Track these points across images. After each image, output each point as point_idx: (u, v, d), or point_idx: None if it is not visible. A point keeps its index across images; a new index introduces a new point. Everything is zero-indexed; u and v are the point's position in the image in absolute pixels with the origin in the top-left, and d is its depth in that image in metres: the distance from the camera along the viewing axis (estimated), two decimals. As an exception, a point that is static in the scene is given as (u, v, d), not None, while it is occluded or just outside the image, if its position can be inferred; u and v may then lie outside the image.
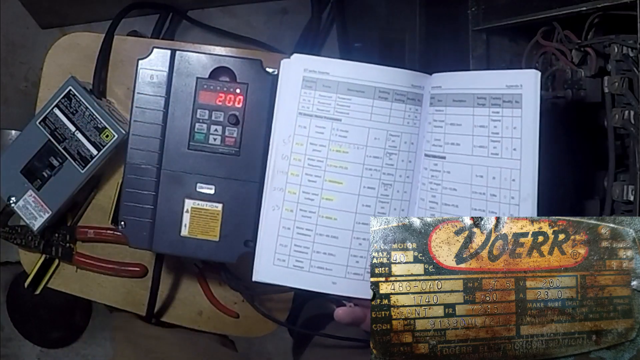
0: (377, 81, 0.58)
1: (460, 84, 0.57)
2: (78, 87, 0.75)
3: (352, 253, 0.57)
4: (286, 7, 1.36)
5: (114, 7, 0.92)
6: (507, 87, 0.54)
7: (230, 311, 0.84)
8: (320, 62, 0.58)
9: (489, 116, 0.55)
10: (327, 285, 0.57)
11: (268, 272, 0.57)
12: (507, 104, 0.54)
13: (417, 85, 0.58)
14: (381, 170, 0.58)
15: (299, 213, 0.57)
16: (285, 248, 0.57)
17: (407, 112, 0.58)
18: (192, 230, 0.70)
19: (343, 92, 0.57)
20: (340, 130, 0.57)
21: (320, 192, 0.57)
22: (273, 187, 0.57)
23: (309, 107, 0.57)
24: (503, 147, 0.54)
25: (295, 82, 0.58)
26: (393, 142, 0.58)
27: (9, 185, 0.76)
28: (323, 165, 0.57)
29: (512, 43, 0.83)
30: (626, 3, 0.56)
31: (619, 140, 0.66)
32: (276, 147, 0.57)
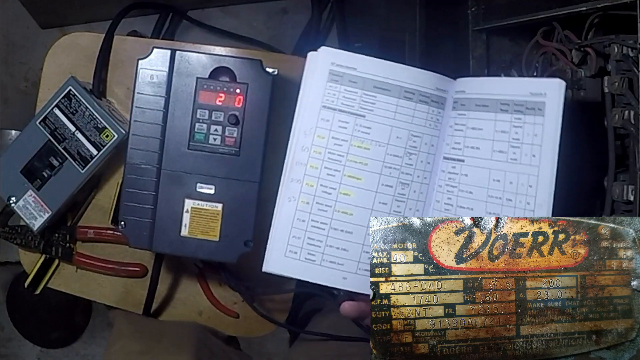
0: (404, 81, 0.58)
1: (484, 89, 0.57)
2: (78, 87, 0.75)
3: (365, 249, 0.57)
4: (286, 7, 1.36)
5: (114, 7, 0.92)
6: (532, 94, 0.55)
7: (230, 311, 0.84)
8: (348, 57, 0.58)
9: (511, 122, 0.55)
10: (337, 280, 0.56)
11: (279, 263, 0.56)
12: (530, 111, 0.55)
13: (441, 89, 0.59)
14: (400, 169, 0.58)
15: (315, 206, 0.57)
16: (298, 240, 0.56)
17: (430, 114, 0.59)
18: (192, 230, 0.70)
19: (369, 88, 0.58)
20: (363, 127, 0.57)
21: (338, 186, 0.57)
22: (291, 179, 0.57)
23: (334, 100, 0.57)
24: (523, 153, 0.55)
25: (321, 74, 0.58)
26: (414, 142, 0.58)
27: (9, 185, 0.76)
28: (343, 160, 0.57)
29: (512, 43, 0.83)
30: (626, 3, 0.56)
31: (619, 140, 0.67)
32: (297, 138, 0.57)
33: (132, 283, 0.84)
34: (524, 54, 0.77)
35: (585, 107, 0.70)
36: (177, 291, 0.84)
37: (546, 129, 0.54)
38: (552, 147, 0.53)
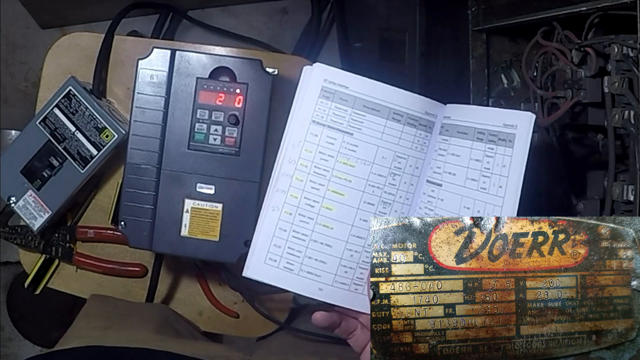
0: (394, 103, 0.59)
1: (466, 117, 0.58)
2: (78, 87, 0.75)
3: (343, 263, 0.58)
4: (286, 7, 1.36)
5: (114, 7, 0.92)
6: (504, 125, 0.56)
7: (230, 311, 0.84)
8: (341, 75, 0.59)
9: (484, 151, 0.57)
10: (313, 291, 0.58)
11: (258, 269, 0.57)
12: (501, 142, 0.56)
13: (430, 113, 0.60)
14: (383, 188, 0.59)
15: (298, 217, 0.58)
16: (278, 249, 0.57)
17: (417, 137, 0.59)
18: (192, 230, 0.70)
19: (359, 107, 0.59)
20: (350, 144, 0.58)
21: (321, 200, 0.58)
22: (276, 189, 0.58)
23: (324, 116, 0.58)
24: (491, 183, 0.56)
25: (313, 90, 0.59)
26: (399, 163, 0.59)
27: (9, 185, 0.76)
28: (328, 175, 0.58)
29: (512, 43, 0.83)
30: (626, 3, 0.56)
31: (619, 140, 0.67)
32: (285, 150, 0.58)
33: (132, 283, 0.84)
34: (524, 54, 0.78)
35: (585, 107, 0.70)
36: (177, 291, 0.84)
37: (513, 161, 0.55)
38: (517, 180, 0.54)
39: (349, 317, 0.59)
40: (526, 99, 0.82)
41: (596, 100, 0.67)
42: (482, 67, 0.81)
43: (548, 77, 0.74)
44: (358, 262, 0.58)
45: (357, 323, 0.59)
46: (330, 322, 0.58)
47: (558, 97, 0.71)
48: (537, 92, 0.75)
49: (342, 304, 0.58)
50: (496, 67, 0.82)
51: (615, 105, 0.63)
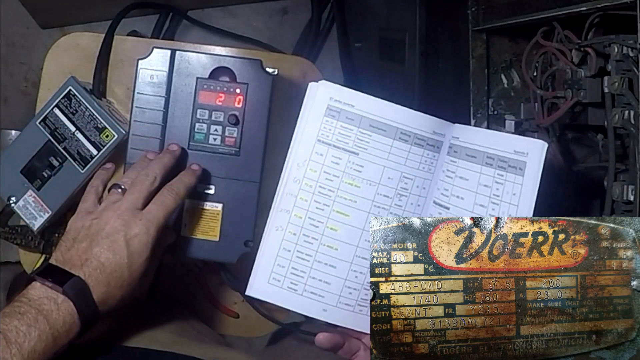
0: (401, 122, 0.58)
1: (475, 140, 0.57)
2: (78, 87, 0.75)
3: (347, 284, 0.58)
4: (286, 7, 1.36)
5: (114, 7, 0.92)
6: (515, 152, 0.55)
7: (230, 311, 0.84)
8: (347, 93, 0.58)
9: (493, 177, 0.56)
10: (317, 311, 0.57)
11: (262, 289, 0.57)
12: (511, 169, 0.55)
13: (438, 133, 0.59)
14: (389, 209, 0.58)
15: (302, 237, 0.57)
16: (282, 269, 0.57)
17: (425, 157, 0.59)
18: (192, 230, 0.70)
19: (365, 127, 0.58)
20: (355, 164, 0.58)
21: (326, 220, 0.57)
22: (280, 208, 0.57)
23: (329, 135, 0.58)
24: (500, 211, 0.55)
25: (319, 108, 0.58)
26: (405, 184, 0.58)
27: (9, 185, 0.76)
28: (333, 195, 0.57)
29: (512, 43, 0.83)
30: (626, 3, 0.56)
31: (619, 140, 0.66)
32: (290, 169, 0.57)
33: (132, 283, 0.83)
34: (524, 54, 0.77)
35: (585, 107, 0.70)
36: (177, 291, 0.84)
37: (524, 191, 0.54)
38: (527, 211, 0.53)
39: (352, 338, 0.59)
40: (526, 99, 0.81)
41: (596, 100, 0.67)
42: (482, 67, 0.81)
43: (548, 77, 0.74)
44: (362, 284, 0.58)
45: (360, 344, 0.59)
46: (334, 344, 0.58)
47: (558, 97, 0.71)
48: (537, 92, 0.75)
49: (346, 325, 0.57)
50: (496, 67, 0.82)
51: (615, 105, 0.63)
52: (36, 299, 0.55)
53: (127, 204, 0.61)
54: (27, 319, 0.53)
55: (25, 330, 0.52)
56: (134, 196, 0.62)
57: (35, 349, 0.52)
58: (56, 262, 0.59)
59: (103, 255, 0.58)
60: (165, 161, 0.66)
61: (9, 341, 0.51)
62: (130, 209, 0.61)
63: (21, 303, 0.55)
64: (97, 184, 0.67)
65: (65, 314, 0.55)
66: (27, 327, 0.53)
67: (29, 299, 0.55)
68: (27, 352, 0.52)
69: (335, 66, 1.26)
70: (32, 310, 0.54)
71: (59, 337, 0.55)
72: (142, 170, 0.65)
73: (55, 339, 0.54)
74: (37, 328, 0.53)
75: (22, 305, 0.54)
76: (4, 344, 0.51)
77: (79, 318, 0.56)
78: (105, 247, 0.59)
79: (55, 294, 0.56)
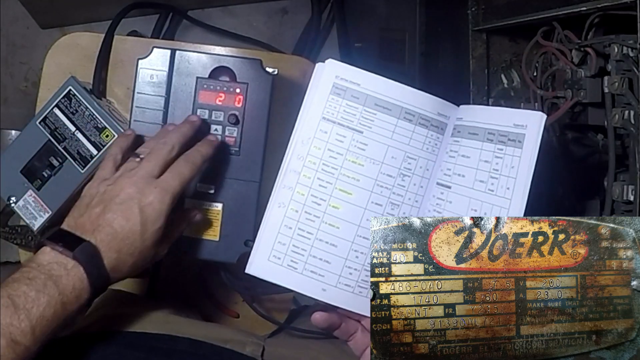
0: (406, 102, 0.58)
1: (477, 118, 0.58)
2: (78, 87, 0.75)
3: (347, 264, 0.57)
4: (286, 7, 1.36)
5: (114, 7, 0.92)
6: (514, 125, 0.55)
7: (230, 311, 0.84)
8: (353, 71, 0.58)
9: (493, 152, 0.56)
10: (316, 291, 0.57)
11: (262, 266, 0.57)
12: (511, 142, 0.55)
13: (443, 114, 0.59)
14: (392, 189, 0.58)
15: (304, 215, 0.57)
16: (283, 246, 0.57)
17: (429, 137, 0.59)
18: (192, 230, 0.70)
19: (370, 105, 0.58)
20: (360, 142, 0.57)
21: (328, 198, 0.57)
22: (283, 185, 0.57)
23: (334, 113, 0.57)
24: (499, 185, 0.55)
25: (325, 86, 0.58)
26: (409, 164, 0.58)
27: (9, 185, 0.76)
28: (336, 173, 0.57)
29: (512, 43, 0.83)
30: (626, 3, 0.56)
31: (619, 140, 0.67)
32: (294, 146, 0.57)
33: (132, 283, 0.84)
34: (524, 54, 0.78)
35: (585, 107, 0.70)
36: (177, 291, 0.84)
37: (522, 162, 0.54)
38: (525, 182, 0.54)
39: (350, 319, 0.58)
40: (526, 99, 0.82)
41: (596, 100, 0.67)
42: (482, 67, 0.81)
43: (548, 77, 0.74)
44: (363, 264, 0.57)
45: (358, 325, 0.58)
46: (330, 323, 0.57)
47: (558, 97, 0.71)
48: (537, 92, 0.75)
49: (345, 306, 0.57)
50: (496, 67, 0.82)
51: (615, 105, 0.63)
52: (45, 264, 0.54)
53: (142, 172, 0.60)
54: (35, 284, 0.52)
55: (34, 296, 0.51)
56: (151, 164, 0.61)
57: (44, 315, 0.51)
58: (68, 227, 0.57)
59: (116, 222, 0.57)
60: (184, 131, 0.65)
61: (17, 307, 0.50)
62: (145, 177, 0.60)
63: (30, 268, 0.53)
64: (116, 152, 0.66)
65: (75, 279, 0.54)
66: (36, 292, 0.51)
67: (38, 264, 0.54)
68: (35, 318, 0.51)
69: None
70: (41, 275, 0.53)
71: (69, 303, 0.53)
72: (160, 139, 0.64)
73: (64, 305, 0.53)
74: (46, 293, 0.52)
75: (31, 271, 0.53)
76: (12, 310, 0.50)
77: (89, 284, 0.55)
78: (119, 213, 0.58)
79: (65, 259, 0.54)
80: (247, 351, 0.68)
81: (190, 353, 0.64)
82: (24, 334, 0.50)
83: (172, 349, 0.64)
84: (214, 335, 0.67)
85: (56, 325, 0.53)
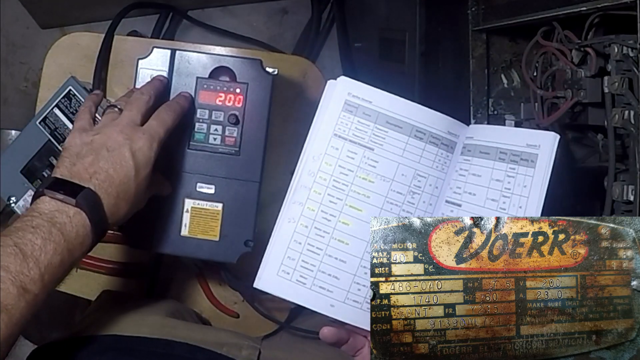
0: (417, 120, 0.59)
1: (489, 137, 0.58)
2: (78, 87, 0.75)
3: (356, 280, 0.57)
4: (286, 7, 1.36)
5: (114, 7, 0.92)
6: (527, 145, 0.56)
7: (230, 311, 0.84)
8: (365, 89, 0.59)
9: (505, 171, 0.57)
10: (324, 307, 0.57)
11: (270, 281, 0.57)
12: (523, 162, 0.56)
13: (453, 133, 0.60)
14: (401, 206, 0.58)
15: (313, 230, 0.57)
16: (292, 261, 0.57)
17: (439, 156, 0.59)
18: (192, 230, 0.70)
19: (381, 123, 0.59)
20: (370, 159, 0.58)
21: (338, 214, 0.58)
22: (293, 201, 0.57)
23: (346, 130, 0.58)
24: (511, 204, 0.56)
25: (337, 103, 0.58)
26: (419, 181, 0.59)
27: (9, 185, 0.76)
28: (347, 190, 0.58)
29: (512, 43, 0.83)
30: (626, 3, 0.56)
31: (619, 140, 0.66)
32: (305, 162, 0.58)
33: (132, 283, 0.84)
34: (524, 54, 0.77)
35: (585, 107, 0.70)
36: (177, 291, 0.84)
37: (534, 182, 0.55)
38: (537, 201, 0.54)
39: (358, 335, 0.58)
40: (526, 99, 0.81)
41: (596, 100, 0.67)
42: (482, 67, 0.81)
43: (548, 77, 0.74)
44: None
45: (365, 341, 0.59)
46: (339, 338, 0.57)
47: (558, 97, 0.71)
48: (537, 92, 0.75)
49: (353, 322, 0.57)
50: (496, 67, 0.82)
51: (615, 105, 0.63)
52: (47, 212, 0.53)
53: (126, 120, 0.61)
54: (41, 232, 0.51)
55: (41, 244, 0.51)
56: (133, 112, 0.62)
57: (52, 262, 0.51)
58: (62, 176, 0.57)
59: (111, 168, 0.58)
60: (155, 83, 0.67)
61: (26, 255, 0.49)
62: (130, 125, 0.61)
63: (32, 217, 0.53)
64: (90, 105, 0.67)
65: (79, 226, 0.54)
66: (42, 240, 0.51)
67: (40, 213, 0.53)
68: (44, 265, 0.50)
69: (335, 66, 1.26)
70: (45, 223, 0.52)
71: (74, 250, 0.53)
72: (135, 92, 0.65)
73: (70, 251, 0.53)
74: (52, 241, 0.51)
75: (34, 219, 0.52)
76: (21, 258, 0.49)
77: (92, 230, 0.55)
78: (112, 160, 0.58)
79: (66, 207, 0.54)
80: (243, 354, 0.68)
81: (186, 358, 0.64)
82: (33, 282, 0.49)
83: (168, 353, 0.64)
84: (210, 339, 0.67)
85: (62, 272, 0.53)
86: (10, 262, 0.48)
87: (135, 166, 0.59)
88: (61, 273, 0.53)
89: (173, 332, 0.66)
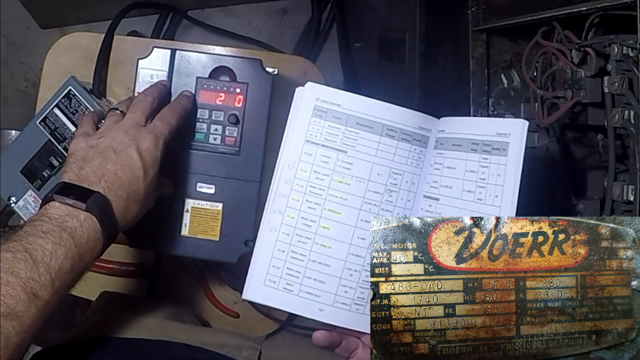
0: (386, 119, 0.59)
1: (460, 129, 0.58)
2: (78, 87, 0.75)
3: (342, 283, 0.58)
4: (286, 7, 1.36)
5: (114, 7, 0.92)
6: (498, 134, 0.56)
7: (230, 311, 0.84)
8: (332, 93, 0.59)
9: (479, 162, 0.57)
10: (313, 311, 0.57)
11: (258, 291, 0.57)
12: (495, 151, 0.56)
13: (424, 128, 0.60)
14: (380, 205, 0.58)
15: (295, 237, 0.58)
16: (277, 270, 0.57)
17: (412, 152, 0.59)
18: (192, 229, 0.70)
19: (352, 125, 0.58)
20: (344, 162, 0.58)
21: (318, 219, 0.58)
22: (273, 210, 0.58)
23: (317, 135, 0.58)
24: (487, 194, 0.56)
25: (306, 109, 0.59)
26: (395, 179, 0.59)
27: (9, 185, 0.76)
28: (324, 194, 0.58)
29: (512, 43, 0.83)
30: (626, 3, 0.56)
31: (619, 140, 0.67)
32: (281, 170, 0.58)
33: (132, 283, 0.84)
34: (524, 54, 0.78)
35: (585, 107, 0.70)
36: (177, 291, 0.84)
37: (507, 170, 0.55)
38: (512, 188, 0.54)
39: (350, 337, 0.59)
40: (526, 99, 0.82)
41: (596, 100, 0.67)
42: (482, 67, 0.81)
43: (548, 77, 0.74)
44: (358, 282, 0.58)
45: (359, 342, 0.59)
46: (331, 341, 0.58)
47: (558, 97, 0.71)
48: (537, 92, 0.75)
49: (343, 324, 0.57)
50: (496, 67, 0.82)
51: (615, 105, 0.63)
52: (57, 217, 0.53)
53: (131, 121, 0.61)
54: (52, 237, 0.51)
55: (52, 249, 0.50)
56: (137, 114, 0.62)
57: (63, 268, 0.50)
58: (70, 181, 0.57)
59: (119, 170, 0.57)
60: (158, 86, 0.67)
61: (36, 260, 0.49)
62: (135, 126, 0.61)
63: (42, 222, 0.52)
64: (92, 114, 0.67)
65: (89, 230, 0.54)
66: (53, 245, 0.50)
67: (50, 218, 0.52)
68: (54, 271, 0.50)
69: (335, 66, 1.26)
70: (56, 228, 0.52)
71: (85, 255, 0.53)
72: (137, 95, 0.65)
73: (81, 256, 0.52)
74: (63, 246, 0.51)
75: (44, 224, 0.52)
76: (31, 263, 0.48)
77: (103, 234, 0.55)
78: (120, 161, 0.58)
79: (76, 212, 0.54)
80: (243, 355, 0.68)
81: (186, 359, 0.64)
82: (44, 288, 0.49)
83: (168, 354, 0.64)
84: (210, 341, 0.67)
85: (73, 278, 0.52)
86: (20, 268, 0.48)
87: (143, 166, 0.59)
88: (72, 279, 0.52)
89: (172, 334, 0.66)
